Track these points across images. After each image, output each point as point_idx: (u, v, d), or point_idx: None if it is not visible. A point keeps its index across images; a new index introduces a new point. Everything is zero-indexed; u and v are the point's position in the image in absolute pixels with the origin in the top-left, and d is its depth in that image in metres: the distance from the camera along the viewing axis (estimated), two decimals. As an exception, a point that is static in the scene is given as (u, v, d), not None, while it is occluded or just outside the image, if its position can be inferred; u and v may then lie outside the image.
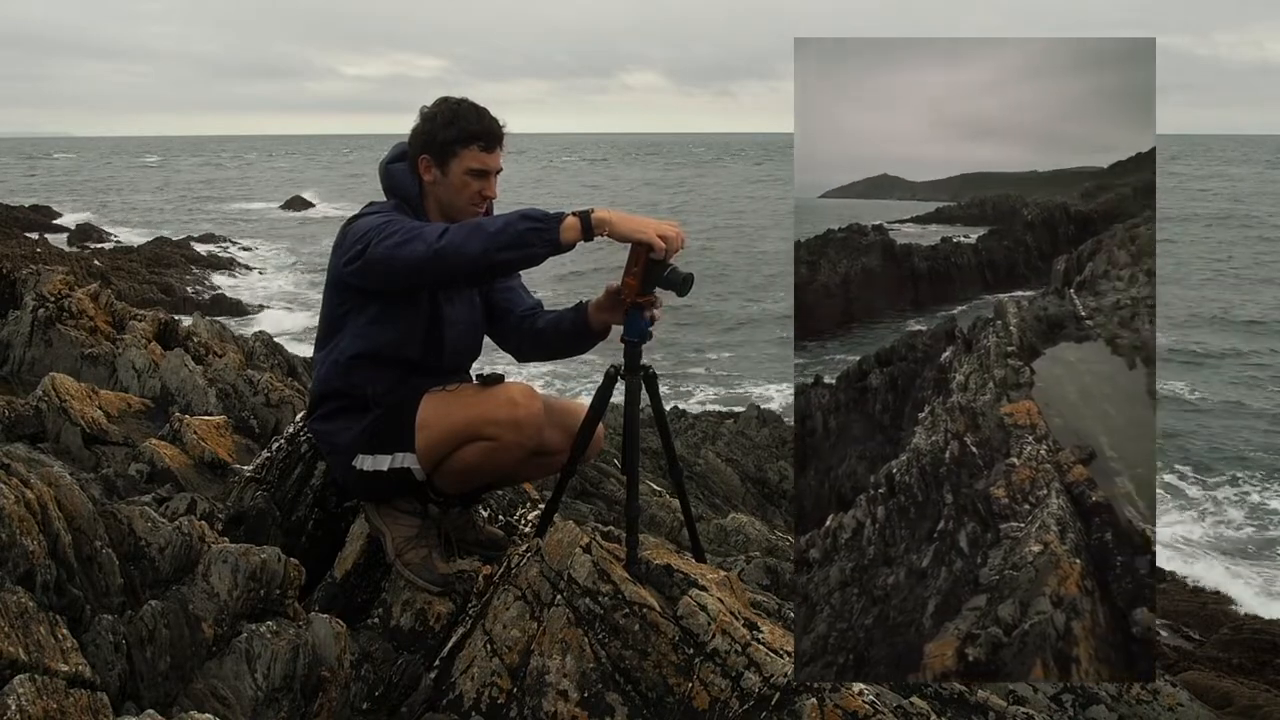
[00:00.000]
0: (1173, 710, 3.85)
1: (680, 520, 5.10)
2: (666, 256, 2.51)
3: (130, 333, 5.66)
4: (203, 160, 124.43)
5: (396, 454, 2.70)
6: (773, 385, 18.46)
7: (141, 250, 29.09)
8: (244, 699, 2.11)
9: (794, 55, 2.23)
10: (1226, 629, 8.14)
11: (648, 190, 67.54)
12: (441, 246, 2.40)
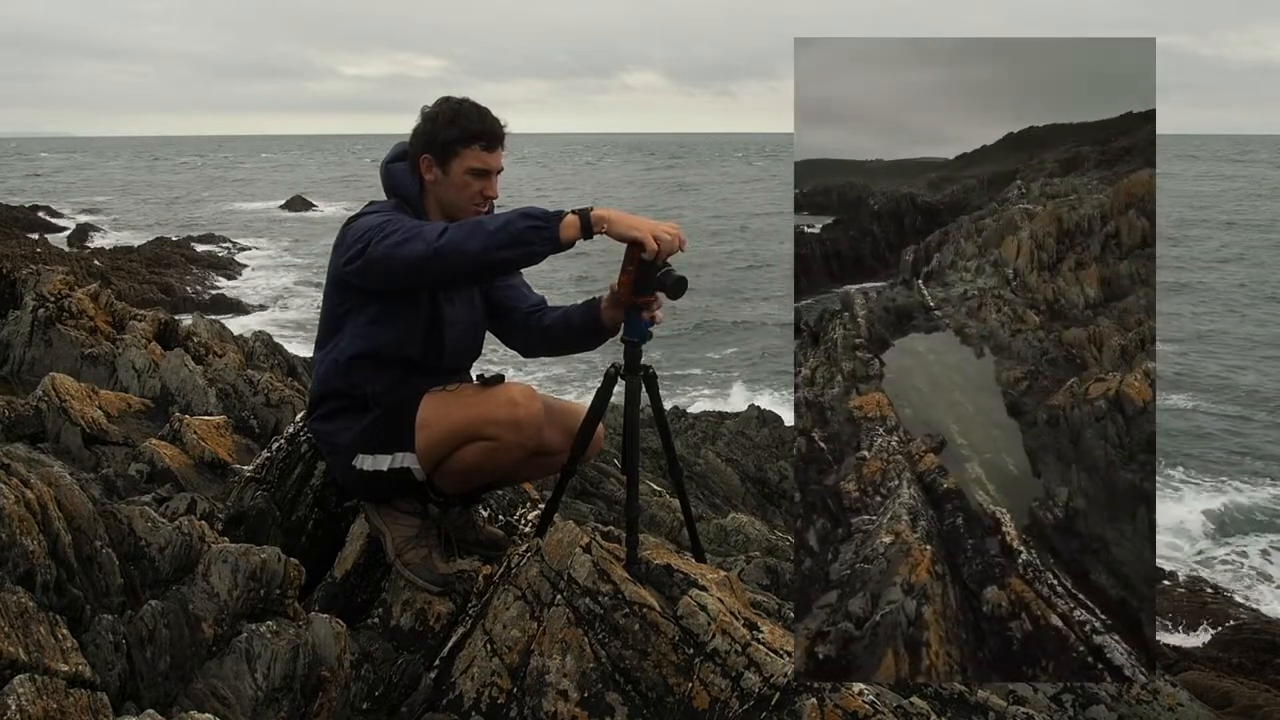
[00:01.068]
0: (1173, 710, 3.85)
1: (680, 520, 5.10)
2: (659, 257, 2.50)
3: (130, 333, 5.66)
4: (203, 160, 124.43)
5: (396, 454, 2.70)
6: (772, 390, 18.48)
7: (141, 250, 29.10)
8: (244, 699, 2.11)
9: (794, 55, 2.23)
10: (1226, 629, 8.14)
11: (649, 191, 67.54)
12: (441, 245, 2.40)
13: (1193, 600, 9.33)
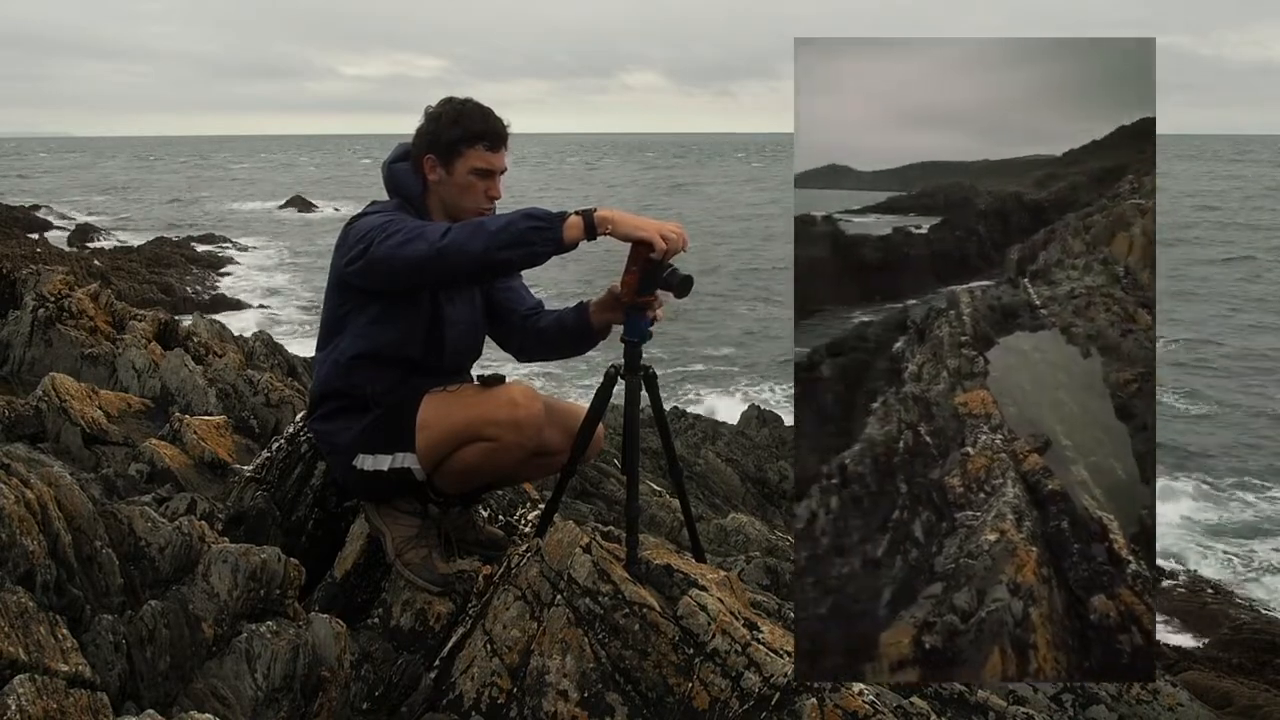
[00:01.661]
0: (1173, 710, 3.85)
1: (680, 520, 5.10)
2: (666, 257, 2.50)
3: (130, 333, 5.66)
4: (203, 160, 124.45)
5: (397, 454, 2.70)
6: (776, 385, 18.48)
7: (141, 250, 29.10)
8: (244, 699, 2.11)
9: (794, 55, 2.23)
10: (1226, 629, 8.14)
11: (649, 190, 67.55)
12: (444, 246, 2.40)
13: (1193, 600, 9.32)
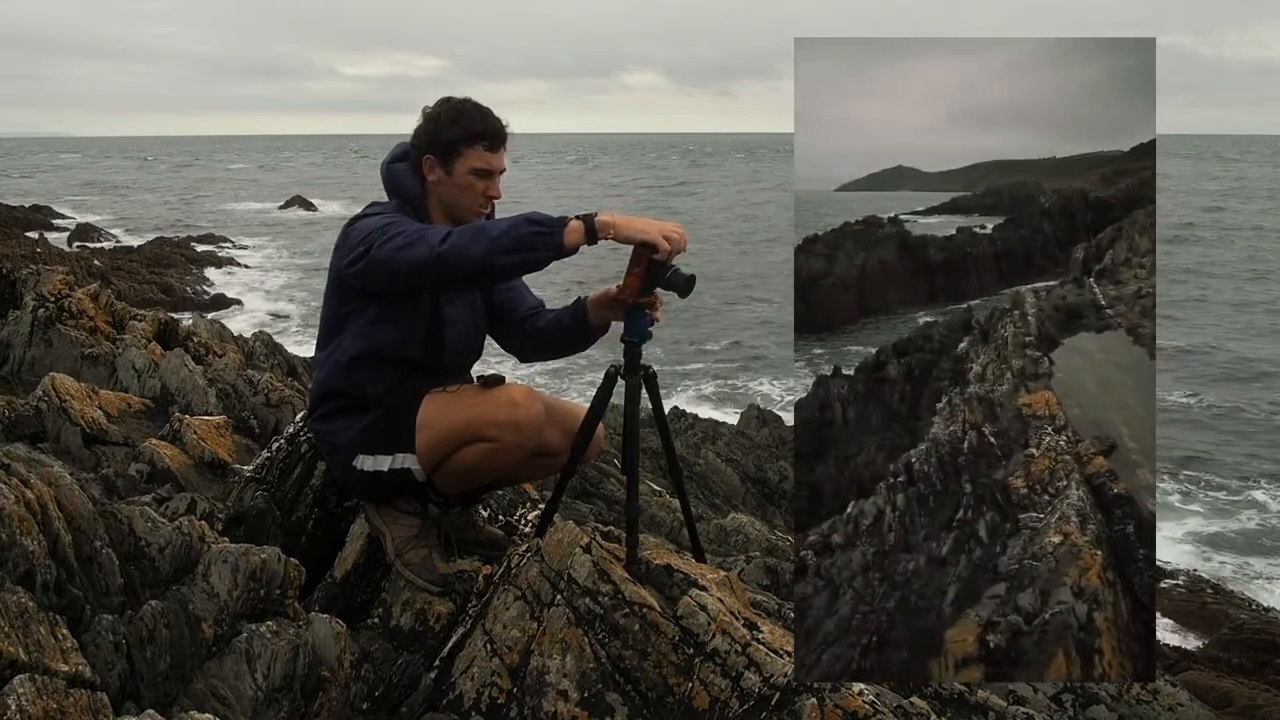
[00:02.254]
0: (1173, 710, 3.85)
1: (680, 520, 5.10)
2: (669, 258, 2.51)
3: (130, 333, 5.66)
4: (203, 160, 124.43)
5: (397, 454, 2.70)
6: (776, 382, 18.47)
7: (141, 250, 29.11)
8: (244, 699, 2.11)
9: (794, 55, 2.23)
10: (1226, 629, 8.13)
11: (647, 191, 67.52)
12: (444, 250, 2.40)
13: (1193, 600, 9.32)
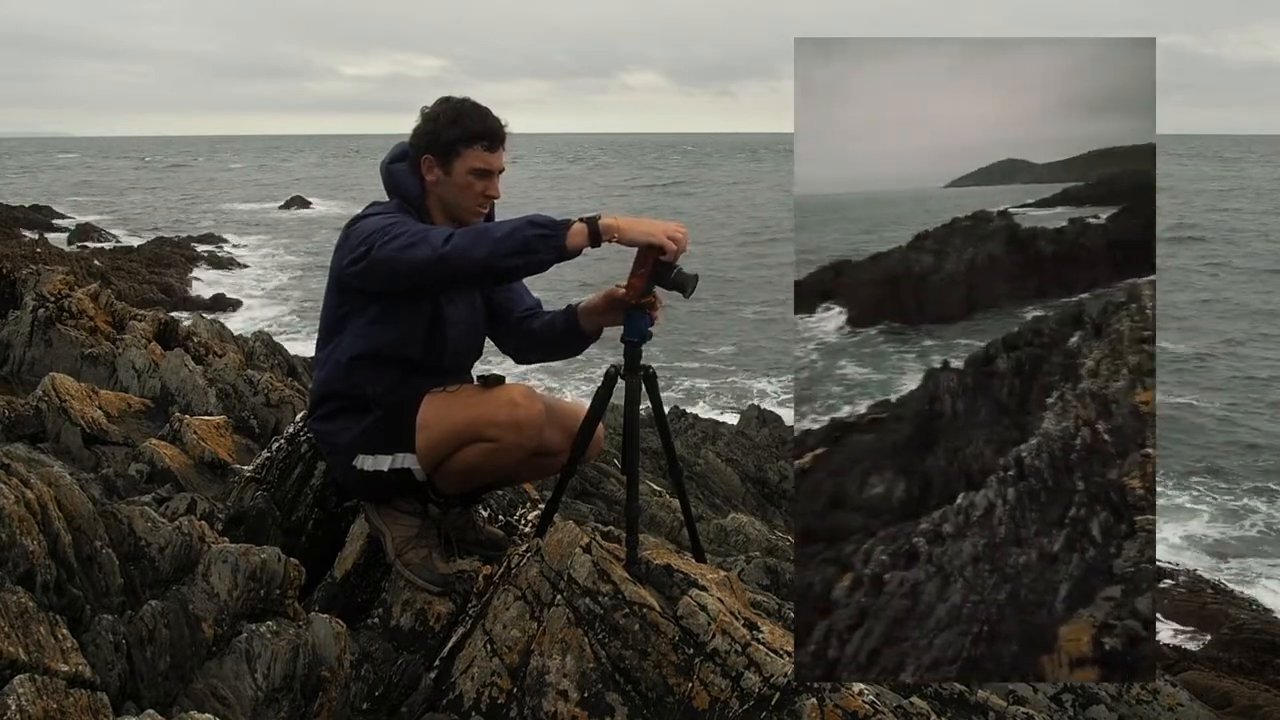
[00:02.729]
0: (1173, 710, 3.85)
1: (680, 520, 5.10)
2: (675, 257, 2.51)
3: (130, 333, 5.66)
4: (203, 160, 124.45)
5: (397, 454, 2.70)
6: (774, 381, 18.47)
7: (141, 250, 29.12)
8: (244, 699, 2.11)
9: (794, 55, 2.22)
10: (1226, 629, 8.13)
11: (648, 191, 67.52)
12: (447, 252, 2.39)
13: (1193, 600, 9.32)
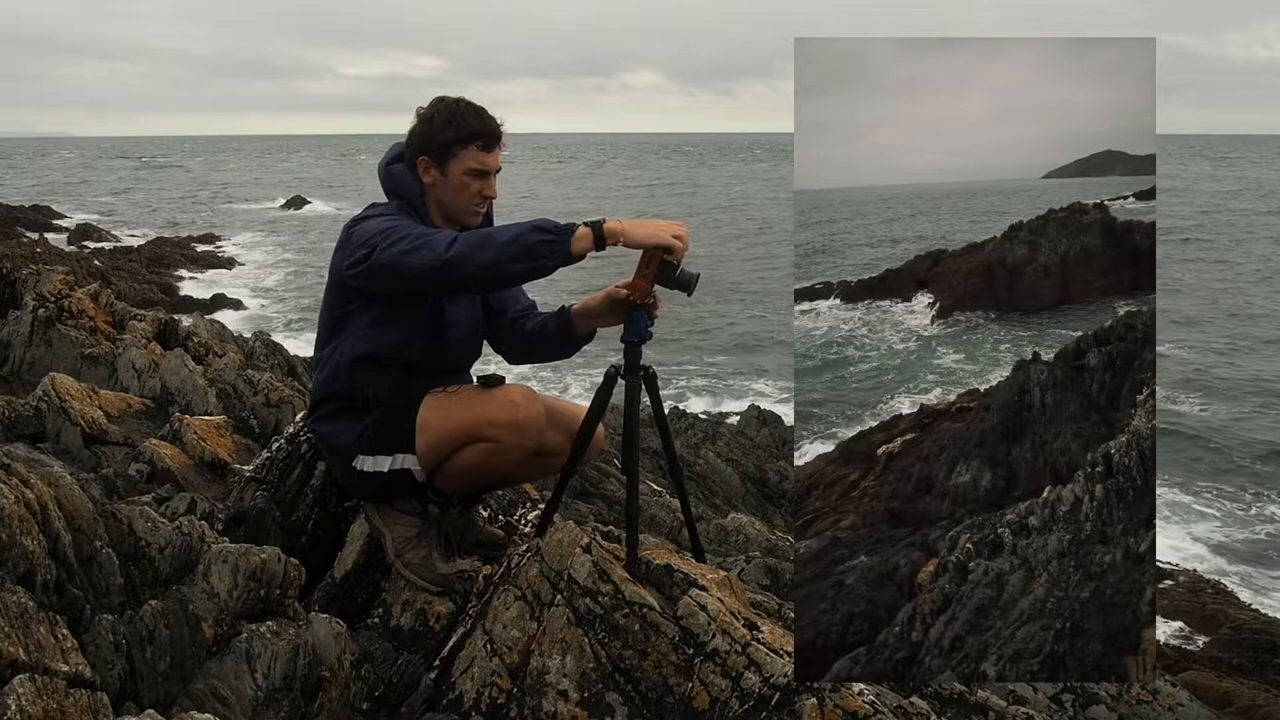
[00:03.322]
0: (1173, 710, 3.85)
1: (680, 520, 5.10)
2: (680, 257, 2.52)
3: (130, 333, 5.66)
4: (203, 160, 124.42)
5: (397, 455, 2.70)
6: (772, 383, 18.46)
7: (141, 250, 29.13)
8: (244, 699, 2.11)
9: (794, 55, 2.22)
10: (1226, 629, 8.13)
11: (650, 191, 67.48)
12: (451, 256, 2.38)
13: (1193, 600, 9.31)
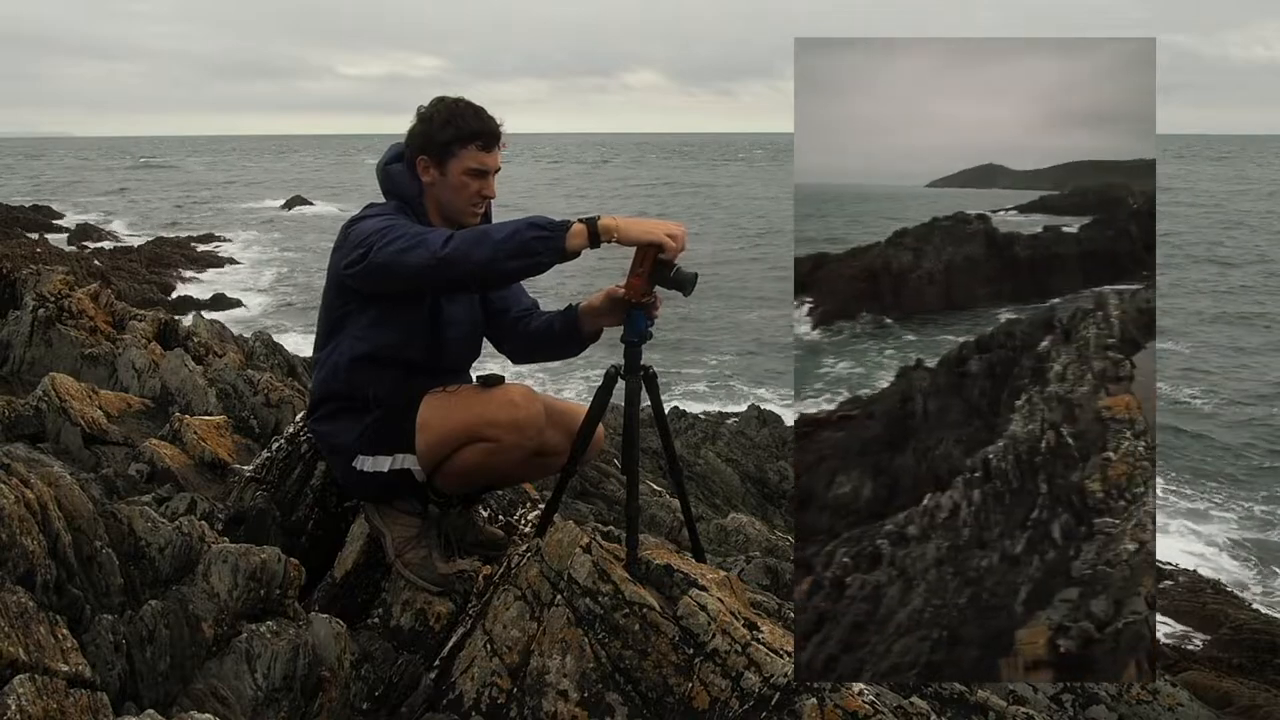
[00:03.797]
0: (1173, 710, 3.85)
1: (680, 520, 5.10)
2: (674, 257, 2.52)
3: (130, 333, 5.67)
4: (203, 160, 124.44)
5: (397, 455, 2.70)
6: (774, 386, 18.46)
7: (141, 250, 29.14)
8: (244, 699, 2.11)
9: (794, 55, 2.23)
10: (1226, 629, 8.13)
11: (649, 191, 67.51)
12: (446, 254, 2.39)
13: (1193, 600, 9.31)
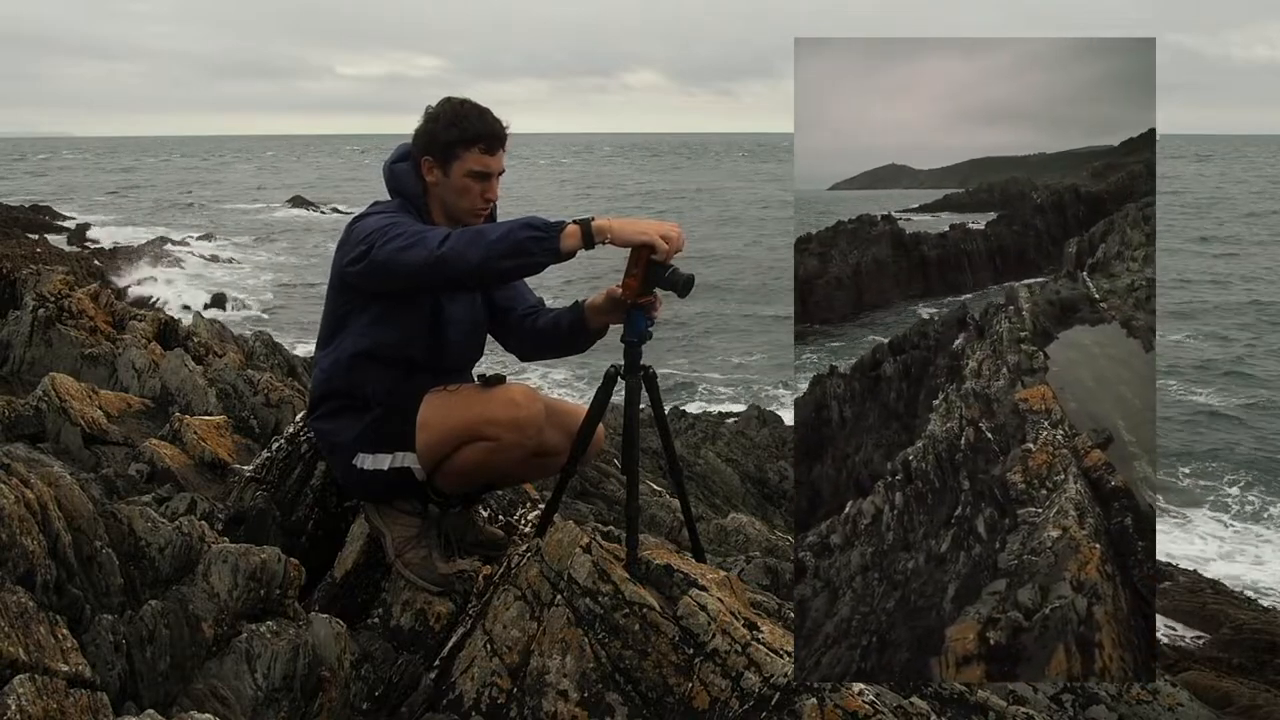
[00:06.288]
0: (1173, 710, 3.85)
1: (680, 520, 5.09)
2: (667, 257, 2.51)
3: (130, 333, 5.66)
4: (202, 160, 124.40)
5: (397, 453, 2.70)
6: (778, 387, 18.45)
7: (142, 250, 29.14)
8: (244, 699, 2.11)
9: (794, 54, 2.23)
10: (1226, 629, 8.13)
11: (649, 190, 67.47)
12: (443, 253, 2.40)
13: (1193, 600, 9.31)
